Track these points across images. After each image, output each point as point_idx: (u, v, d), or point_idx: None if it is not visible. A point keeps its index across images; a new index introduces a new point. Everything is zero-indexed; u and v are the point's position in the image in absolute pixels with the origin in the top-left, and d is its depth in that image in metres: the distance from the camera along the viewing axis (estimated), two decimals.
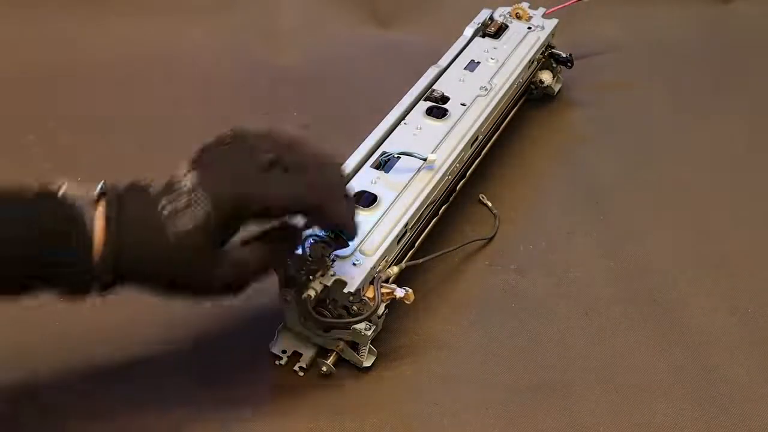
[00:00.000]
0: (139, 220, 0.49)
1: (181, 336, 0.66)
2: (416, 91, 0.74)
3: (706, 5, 1.04)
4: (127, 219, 0.49)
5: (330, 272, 0.59)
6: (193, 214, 0.49)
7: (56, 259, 0.48)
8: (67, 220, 0.48)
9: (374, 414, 0.61)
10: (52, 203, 0.48)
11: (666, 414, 0.61)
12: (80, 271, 0.49)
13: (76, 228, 0.48)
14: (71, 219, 0.48)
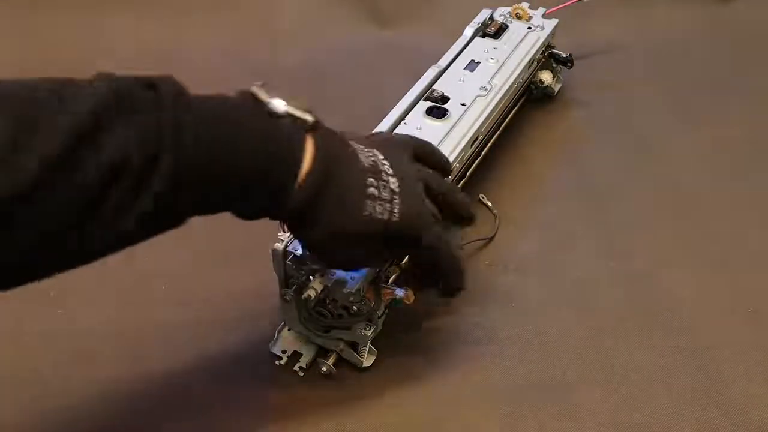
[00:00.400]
0: (346, 173, 0.51)
1: (181, 336, 0.66)
2: (416, 91, 0.74)
3: (706, 5, 1.04)
4: (334, 165, 0.50)
5: (330, 272, 0.59)
6: (391, 210, 0.52)
7: (264, 181, 0.48)
8: (285, 148, 0.48)
9: (374, 414, 0.61)
10: (274, 126, 0.48)
11: (666, 414, 0.61)
12: (277, 193, 0.49)
13: (290, 155, 0.48)
14: (287, 144, 0.48)
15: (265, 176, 0.48)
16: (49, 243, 0.42)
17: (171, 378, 0.63)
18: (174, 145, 0.44)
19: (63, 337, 0.65)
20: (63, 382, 0.62)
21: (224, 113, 0.48)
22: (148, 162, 0.43)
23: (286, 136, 0.48)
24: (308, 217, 0.51)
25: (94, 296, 0.69)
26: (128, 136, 0.42)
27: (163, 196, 0.44)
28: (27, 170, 0.39)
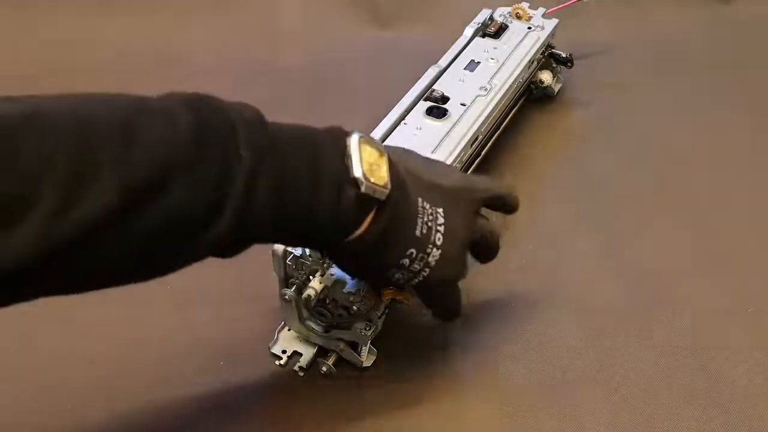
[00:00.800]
0: (390, 247, 0.52)
1: (180, 335, 0.66)
2: (416, 91, 0.74)
3: (706, 5, 1.04)
4: (389, 234, 0.51)
5: (330, 272, 0.59)
6: (409, 281, 0.55)
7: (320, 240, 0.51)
8: (348, 216, 0.48)
9: (374, 414, 0.61)
10: (352, 192, 0.48)
11: (666, 414, 0.61)
12: (326, 244, 0.52)
13: (351, 225, 0.49)
14: (352, 216, 0.49)
15: (318, 232, 0.49)
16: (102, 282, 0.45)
17: (170, 378, 0.63)
18: (242, 192, 0.43)
19: (63, 336, 0.65)
20: (62, 376, 0.62)
21: (302, 160, 0.47)
22: (216, 207, 0.43)
23: (352, 212, 0.48)
24: (346, 260, 0.54)
25: (93, 296, 0.69)
26: (197, 183, 0.42)
27: (225, 236, 0.44)
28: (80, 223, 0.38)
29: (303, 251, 0.59)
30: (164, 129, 0.42)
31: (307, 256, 0.59)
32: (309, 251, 0.59)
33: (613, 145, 0.85)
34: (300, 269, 0.60)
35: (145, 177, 0.40)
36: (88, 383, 0.62)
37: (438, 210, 0.54)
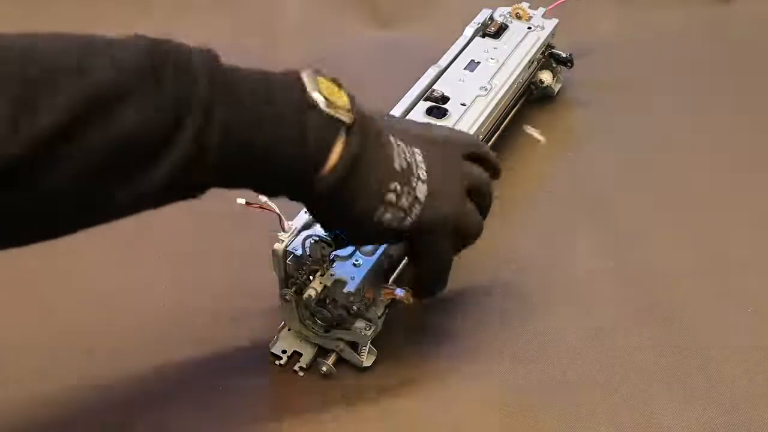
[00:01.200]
0: (369, 176, 0.50)
1: (180, 336, 0.66)
2: (416, 91, 0.74)
3: (706, 5, 1.04)
4: (362, 166, 0.50)
5: (330, 272, 0.59)
6: (402, 220, 0.53)
7: (288, 167, 0.48)
8: (314, 139, 0.48)
9: (374, 414, 0.61)
10: (314, 116, 0.48)
11: (666, 414, 0.61)
12: (297, 181, 0.49)
13: (317, 150, 0.48)
14: (318, 139, 0.48)
15: (286, 167, 0.48)
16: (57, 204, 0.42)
17: (170, 378, 0.63)
18: (199, 122, 0.43)
19: (63, 333, 0.65)
20: (62, 373, 0.63)
21: (258, 95, 0.47)
22: (169, 134, 0.42)
23: (321, 130, 0.48)
24: (325, 205, 0.51)
25: (93, 296, 0.69)
26: (150, 108, 0.42)
27: (183, 167, 0.43)
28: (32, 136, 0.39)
29: (303, 251, 0.59)
30: (121, 52, 0.42)
31: (307, 256, 0.59)
32: (309, 251, 0.59)
33: (613, 145, 0.85)
34: (300, 269, 0.60)
35: (98, 95, 0.40)
36: (84, 375, 0.63)
37: (415, 149, 0.54)
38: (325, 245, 0.59)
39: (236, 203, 0.60)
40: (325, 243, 0.59)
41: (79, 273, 0.71)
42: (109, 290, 0.69)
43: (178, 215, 0.74)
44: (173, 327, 0.66)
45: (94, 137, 0.40)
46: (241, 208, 0.60)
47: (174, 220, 0.74)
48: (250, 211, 0.61)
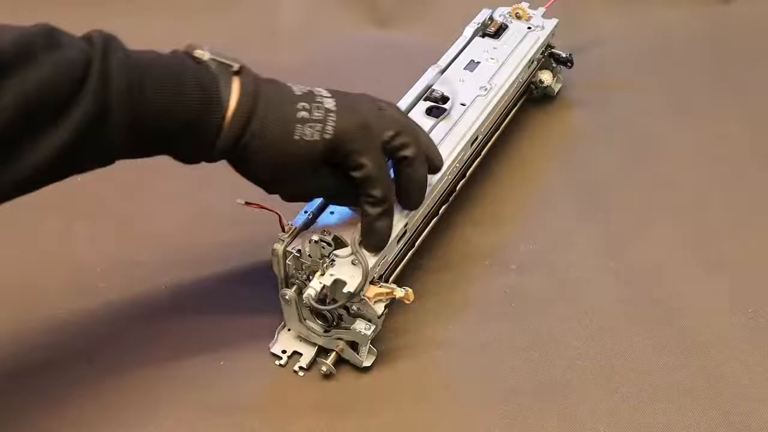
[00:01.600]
0: (273, 105, 0.54)
1: (180, 336, 0.66)
2: (416, 91, 0.74)
3: (706, 5, 1.04)
4: (261, 98, 0.54)
5: (330, 272, 0.59)
6: (323, 132, 0.54)
7: (190, 117, 0.51)
8: (208, 86, 0.52)
9: (374, 414, 0.61)
10: (198, 68, 0.53)
11: (666, 414, 0.61)
12: (207, 132, 0.52)
13: (215, 93, 0.52)
14: (212, 84, 0.52)
15: (192, 114, 0.51)
16: None
17: (170, 377, 0.63)
18: (100, 77, 0.48)
19: (63, 336, 0.65)
20: (61, 377, 0.63)
21: (153, 56, 0.52)
22: (72, 94, 0.47)
23: (213, 78, 0.52)
24: (242, 152, 0.53)
25: (93, 297, 0.69)
26: (52, 68, 0.46)
27: (87, 125, 0.47)
28: None
29: (302, 251, 0.59)
30: (21, 29, 0.49)
31: (307, 256, 0.59)
32: (309, 251, 0.59)
33: (613, 145, 0.85)
34: (300, 269, 0.60)
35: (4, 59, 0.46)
36: (83, 382, 0.62)
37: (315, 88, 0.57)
38: (325, 245, 0.59)
39: (236, 203, 0.60)
40: (325, 243, 0.59)
41: (79, 273, 0.71)
42: (110, 290, 0.69)
43: (177, 215, 0.75)
44: (172, 327, 0.66)
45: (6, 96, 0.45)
46: (241, 208, 0.61)
47: (173, 219, 0.75)
48: (250, 211, 0.61)
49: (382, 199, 0.58)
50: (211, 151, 0.53)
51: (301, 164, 0.55)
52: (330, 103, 0.55)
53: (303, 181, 0.56)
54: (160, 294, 0.69)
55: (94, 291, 0.69)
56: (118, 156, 0.52)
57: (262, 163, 0.54)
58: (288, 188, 0.57)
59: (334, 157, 0.56)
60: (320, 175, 0.56)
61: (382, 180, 0.57)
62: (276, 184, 0.57)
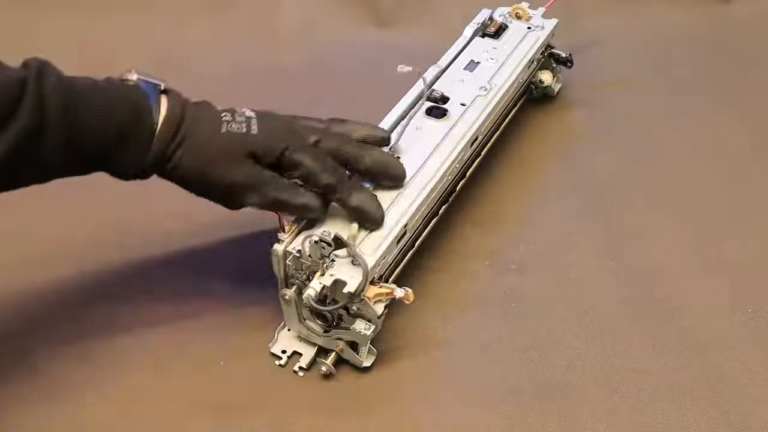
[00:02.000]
0: (199, 111, 0.59)
1: (181, 337, 0.66)
2: (416, 91, 0.74)
3: (706, 5, 1.04)
4: (189, 108, 0.58)
5: (329, 272, 0.59)
6: (249, 128, 0.58)
7: (124, 130, 0.55)
8: (139, 99, 0.57)
9: (374, 414, 0.61)
10: (129, 87, 0.57)
11: (666, 414, 0.61)
12: (141, 141, 0.56)
13: (145, 107, 0.56)
14: (143, 98, 0.57)
15: (125, 125, 0.55)
16: None
17: (169, 378, 0.63)
18: (35, 96, 0.52)
19: (63, 337, 0.65)
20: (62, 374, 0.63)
21: (86, 79, 0.56)
22: (12, 109, 0.51)
23: (143, 94, 0.57)
24: (173, 155, 0.57)
25: (96, 299, 0.69)
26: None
27: (23, 140, 0.51)
28: None
29: (302, 250, 0.59)
30: None
31: (307, 256, 0.59)
32: (309, 251, 0.59)
33: (613, 145, 0.85)
34: (300, 269, 0.60)
35: None
36: (84, 385, 0.62)
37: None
38: (325, 245, 0.59)
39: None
40: (324, 243, 0.59)
41: (78, 273, 0.71)
42: (107, 291, 0.69)
43: (177, 215, 0.75)
44: (172, 327, 0.66)
45: None
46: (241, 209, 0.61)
47: (173, 219, 0.75)
48: (250, 212, 0.61)
49: (337, 183, 0.60)
50: (146, 158, 0.57)
51: (230, 155, 0.58)
52: (251, 113, 0.60)
53: (231, 172, 0.58)
54: (159, 294, 0.69)
55: (94, 291, 0.69)
56: (56, 172, 0.55)
57: (193, 159, 0.57)
58: (217, 184, 0.59)
59: (266, 157, 0.58)
60: (248, 164, 0.58)
61: (325, 167, 0.60)
62: (206, 181, 0.58)
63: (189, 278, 0.71)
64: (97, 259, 0.71)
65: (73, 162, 0.55)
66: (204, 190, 0.60)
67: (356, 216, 0.61)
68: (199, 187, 0.59)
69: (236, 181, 0.59)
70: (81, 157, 0.55)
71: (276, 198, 0.59)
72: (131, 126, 0.56)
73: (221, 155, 0.58)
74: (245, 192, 0.59)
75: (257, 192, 0.59)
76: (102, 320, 0.67)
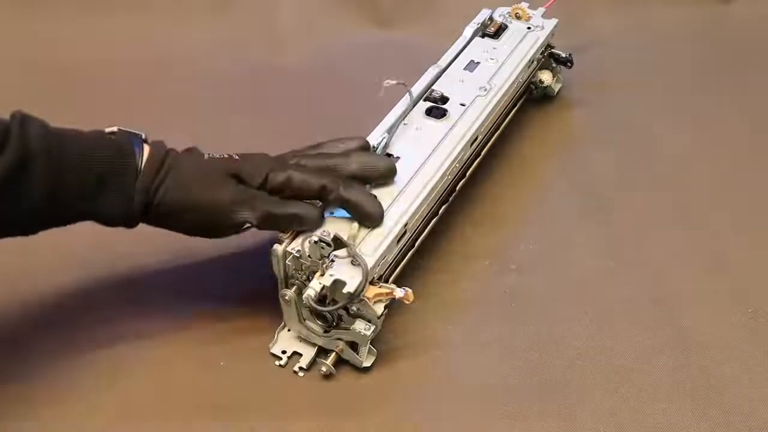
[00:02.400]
0: (182, 153, 0.60)
1: (181, 336, 0.66)
2: (416, 91, 0.74)
3: (706, 5, 1.04)
4: (171, 151, 0.60)
5: (329, 272, 0.59)
6: (230, 155, 0.60)
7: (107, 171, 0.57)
8: (122, 144, 0.58)
9: (374, 414, 0.61)
10: (110, 134, 0.59)
11: (666, 414, 0.61)
12: (124, 183, 0.57)
13: (128, 150, 0.58)
14: (126, 144, 0.58)
15: (110, 167, 0.56)
16: None
17: (170, 378, 0.63)
18: (19, 135, 0.53)
19: (64, 339, 0.66)
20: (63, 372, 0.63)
21: (70, 129, 0.57)
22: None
23: (126, 140, 0.58)
24: (157, 189, 0.58)
25: (95, 299, 0.69)
26: None
27: (7, 176, 0.52)
28: None
29: (302, 251, 0.59)
30: None
31: (306, 257, 0.59)
32: (309, 251, 0.59)
33: (613, 145, 0.85)
34: (300, 269, 0.60)
35: None
36: (84, 383, 0.62)
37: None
38: (325, 245, 0.59)
39: None
40: (324, 243, 0.59)
41: (78, 275, 0.71)
42: (106, 292, 0.69)
43: None
44: (173, 328, 0.66)
45: None
46: None
47: None
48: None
49: (329, 183, 0.60)
50: (131, 200, 0.57)
51: (212, 175, 0.59)
52: (231, 153, 0.61)
53: (216, 192, 0.59)
54: (159, 295, 0.69)
55: (94, 291, 0.69)
56: (39, 218, 0.56)
57: (176, 189, 0.58)
58: (204, 206, 0.59)
59: (252, 179, 0.60)
60: (232, 183, 0.59)
61: (313, 175, 0.60)
62: (192, 207, 0.58)
63: (189, 279, 0.71)
64: (96, 261, 0.71)
65: (56, 205, 0.55)
66: (193, 220, 0.59)
67: (354, 212, 0.61)
68: (187, 217, 0.59)
69: (222, 200, 0.58)
70: (64, 200, 0.55)
71: (268, 211, 0.59)
72: (115, 167, 0.57)
73: (204, 177, 0.58)
74: (234, 209, 0.59)
75: (247, 206, 0.59)
76: (102, 321, 0.67)
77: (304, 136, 0.68)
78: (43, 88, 0.91)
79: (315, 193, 0.60)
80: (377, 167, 0.64)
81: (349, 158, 0.63)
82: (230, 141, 0.84)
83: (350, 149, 0.65)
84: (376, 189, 0.65)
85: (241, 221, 0.59)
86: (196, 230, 0.61)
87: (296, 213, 0.60)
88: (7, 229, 0.56)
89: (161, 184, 0.58)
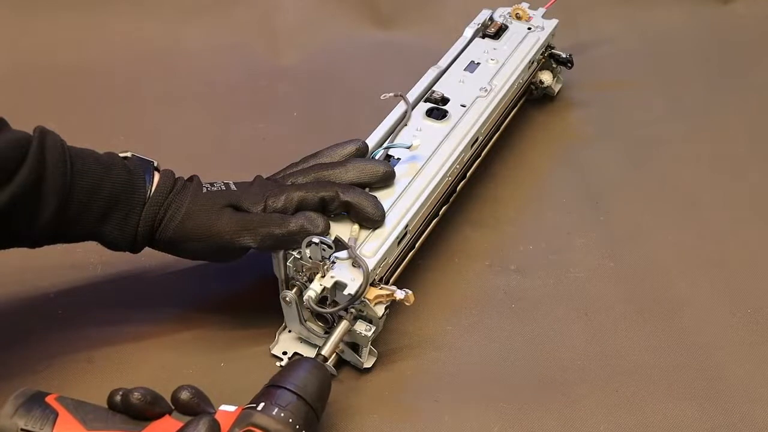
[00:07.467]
0: (186, 184, 0.61)
1: (181, 338, 0.66)
2: (416, 92, 0.74)
3: (706, 5, 1.04)
4: (178, 180, 0.61)
5: (330, 274, 0.59)
6: (228, 186, 0.62)
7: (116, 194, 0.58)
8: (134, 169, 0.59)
9: (375, 415, 0.61)
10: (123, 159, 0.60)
11: (666, 414, 0.61)
12: (133, 208, 0.58)
13: (139, 176, 0.59)
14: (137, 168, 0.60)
15: (119, 190, 0.58)
16: None
17: (170, 379, 0.63)
18: (38, 147, 0.55)
19: (65, 341, 0.66)
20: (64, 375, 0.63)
21: (85, 148, 0.58)
22: (18, 164, 0.53)
23: (138, 165, 0.60)
24: (162, 218, 0.59)
25: (96, 299, 0.69)
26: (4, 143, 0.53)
27: (24, 189, 0.53)
28: None
29: (302, 252, 0.59)
30: None
31: (307, 258, 0.59)
32: (309, 253, 0.59)
33: (613, 145, 0.85)
34: (300, 271, 0.60)
35: None
36: (82, 381, 0.63)
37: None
38: (326, 247, 0.59)
39: None
40: (325, 245, 0.59)
41: (78, 274, 0.71)
42: (107, 292, 0.70)
43: None
44: (174, 328, 0.66)
45: None
46: None
47: None
48: None
49: (329, 192, 0.61)
50: (136, 225, 0.59)
51: (209, 206, 0.60)
52: (228, 181, 0.63)
53: (213, 222, 0.59)
54: (160, 297, 0.69)
55: (94, 292, 0.69)
56: (47, 233, 0.57)
57: (176, 220, 0.59)
58: (204, 236, 0.59)
59: (252, 206, 0.60)
60: (228, 211, 0.60)
61: (310, 190, 0.61)
62: (193, 237, 0.60)
63: (190, 280, 0.71)
64: (96, 263, 0.71)
65: (65, 225, 0.57)
66: (195, 249, 0.61)
67: (356, 214, 0.61)
68: (189, 247, 0.60)
69: (223, 230, 0.59)
70: (74, 221, 0.57)
71: (269, 233, 0.59)
72: (124, 197, 0.58)
73: (201, 209, 0.60)
74: (235, 237, 0.59)
75: (247, 232, 0.59)
76: (102, 323, 0.67)
77: (304, 136, 0.68)
78: (43, 89, 0.91)
79: (316, 207, 0.61)
80: (375, 173, 0.64)
81: (346, 166, 0.64)
82: (230, 141, 0.86)
83: (348, 155, 0.65)
84: (376, 191, 0.65)
85: (244, 245, 0.60)
86: (200, 258, 0.62)
87: (298, 229, 0.60)
88: (18, 242, 0.57)
89: (164, 217, 0.59)
